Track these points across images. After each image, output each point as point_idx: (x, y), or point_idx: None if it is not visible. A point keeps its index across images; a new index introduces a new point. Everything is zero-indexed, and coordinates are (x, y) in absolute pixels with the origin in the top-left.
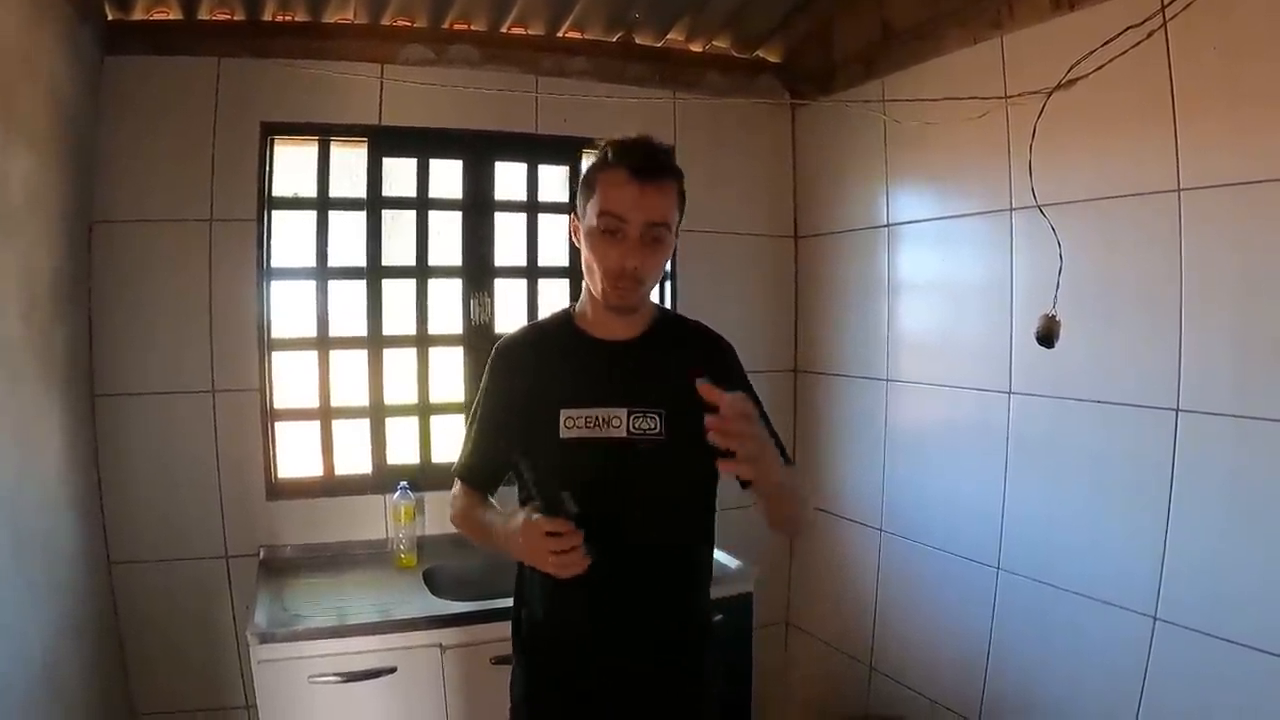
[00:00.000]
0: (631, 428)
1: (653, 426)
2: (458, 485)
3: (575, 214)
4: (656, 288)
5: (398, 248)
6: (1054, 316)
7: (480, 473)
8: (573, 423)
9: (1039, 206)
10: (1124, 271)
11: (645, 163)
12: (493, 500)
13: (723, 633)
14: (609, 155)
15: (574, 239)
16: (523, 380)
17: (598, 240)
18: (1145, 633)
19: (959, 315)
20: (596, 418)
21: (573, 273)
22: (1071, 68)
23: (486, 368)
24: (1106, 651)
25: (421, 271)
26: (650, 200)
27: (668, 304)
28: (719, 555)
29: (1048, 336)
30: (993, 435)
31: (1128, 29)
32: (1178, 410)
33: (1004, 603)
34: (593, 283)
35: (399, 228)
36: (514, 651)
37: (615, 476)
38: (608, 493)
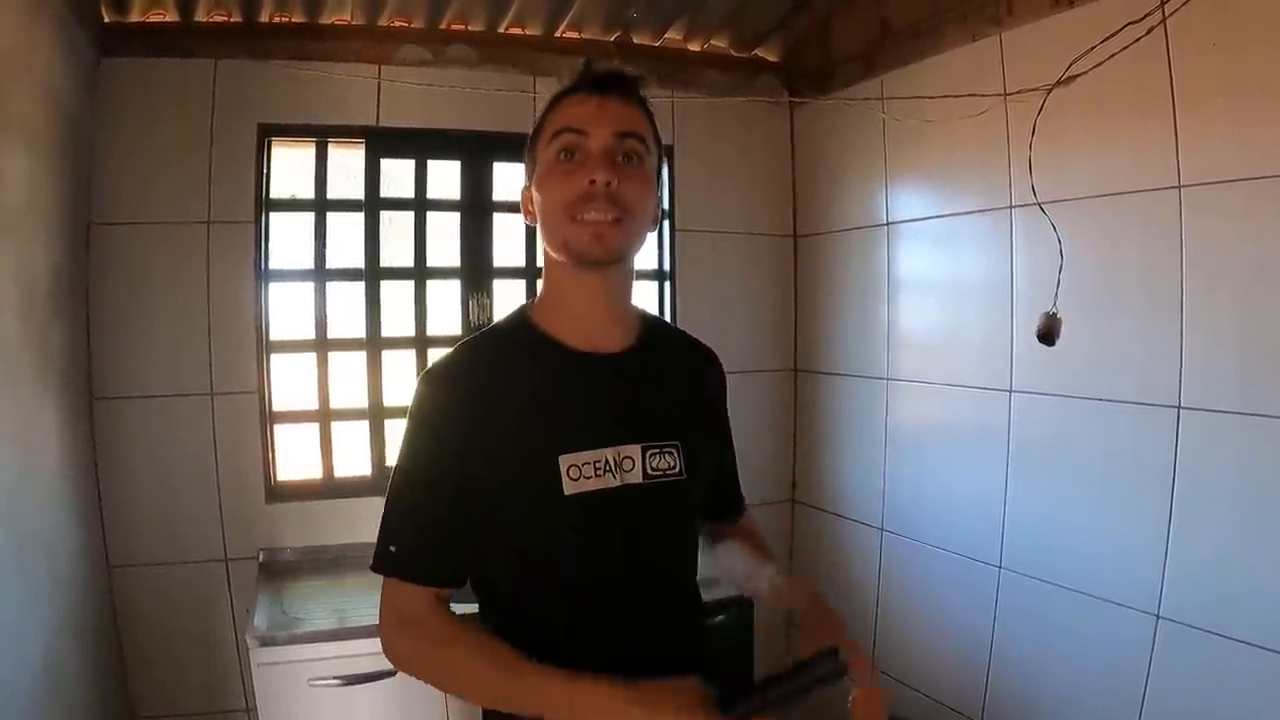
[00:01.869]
0: (649, 469)
1: (671, 465)
2: (393, 590)
3: (526, 187)
4: (655, 301)
5: (396, 249)
6: (1055, 314)
7: (439, 562)
8: (578, 471)
9: (1039, 204)
10: (1125, 268)
11: (601, 76)
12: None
13: (725, 633)
14: (557, 91)
15: (527, 215)
16: (486, 419)
17: (551, 172)
18: (1148, 631)
19: (959, 314)
20: (606, 461)
21: None
22: (1071, 64)
23: (415, 408)
24: (1109, 650)
25: (420, 273)
26: (615, 109)
27: (666, 305)
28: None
29: (1049, 334)
30: (994, 434)
31: (1127, 25)
32: (1180, 408)
33: (1006, 602)
34: (552, 240)
35: (397, 229)
36: None
37: (635, 535)
38: (626, 557)
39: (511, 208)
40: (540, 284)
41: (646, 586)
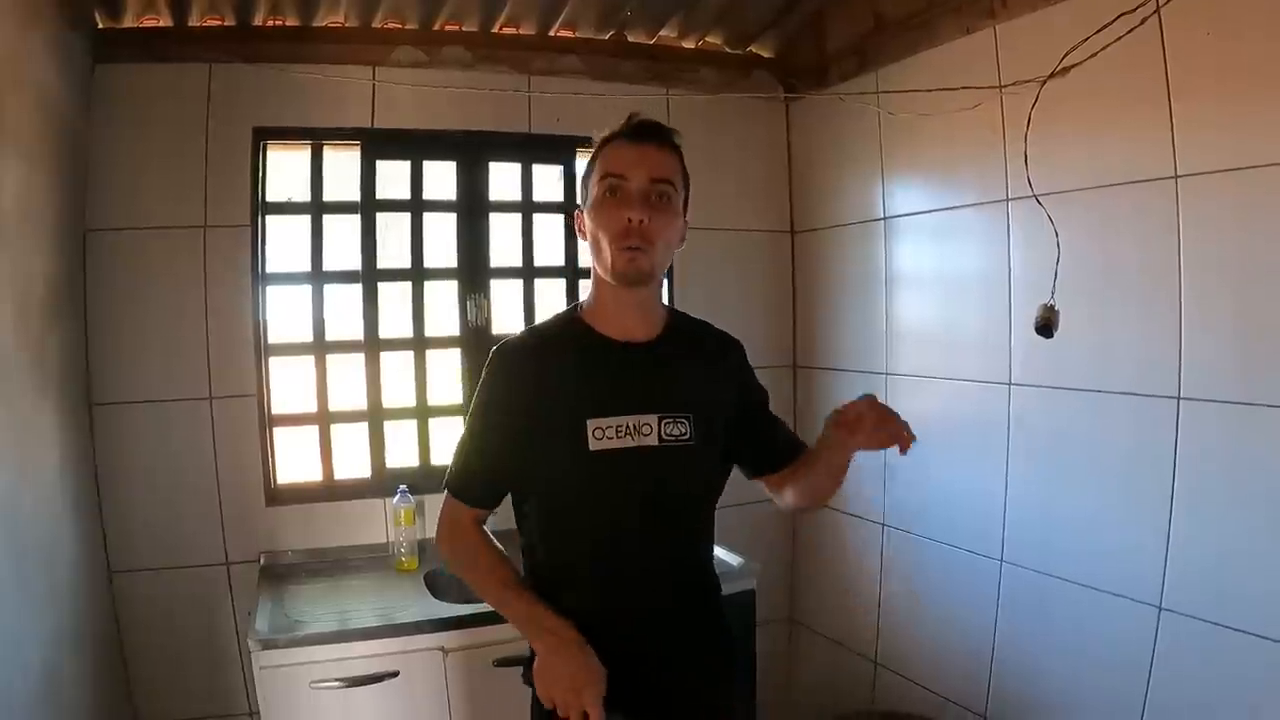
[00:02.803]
0: (663, 434)
1: (683, 432)
2: (449, 503)
3: (579, 210)
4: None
5: (393, 251)
6: (1053, 306)
7: (481, 489)
8: (602, 433)
9: (1035, 196)
10: (1123, 259)
11: (639, 126)
12: (494, 537)
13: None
14: (607, 133)
15: (580, 233)
16: (535, 387)
17: (601, 206)
18: (1150, 622)
19: (958, 307)
20: (627, 426)
21: (571, 272)
22: (1065, 55)
23: (486, 372)
24: (1112, 642)
25: (417, 274)
26: (650, 157)
27: (665, 301)
28: (719, 552)
29: (1047, 326)
30: (993, 427)
31: (1120, 15)
32: (1179, 398)
33: (1008, 595)
34: (600, 261)
35: (393, 231)
36: (528, 679)
37: (649, 487)
38: (642, 505)
39: (506, 207)
40: (543, 287)
41: (655, 531)
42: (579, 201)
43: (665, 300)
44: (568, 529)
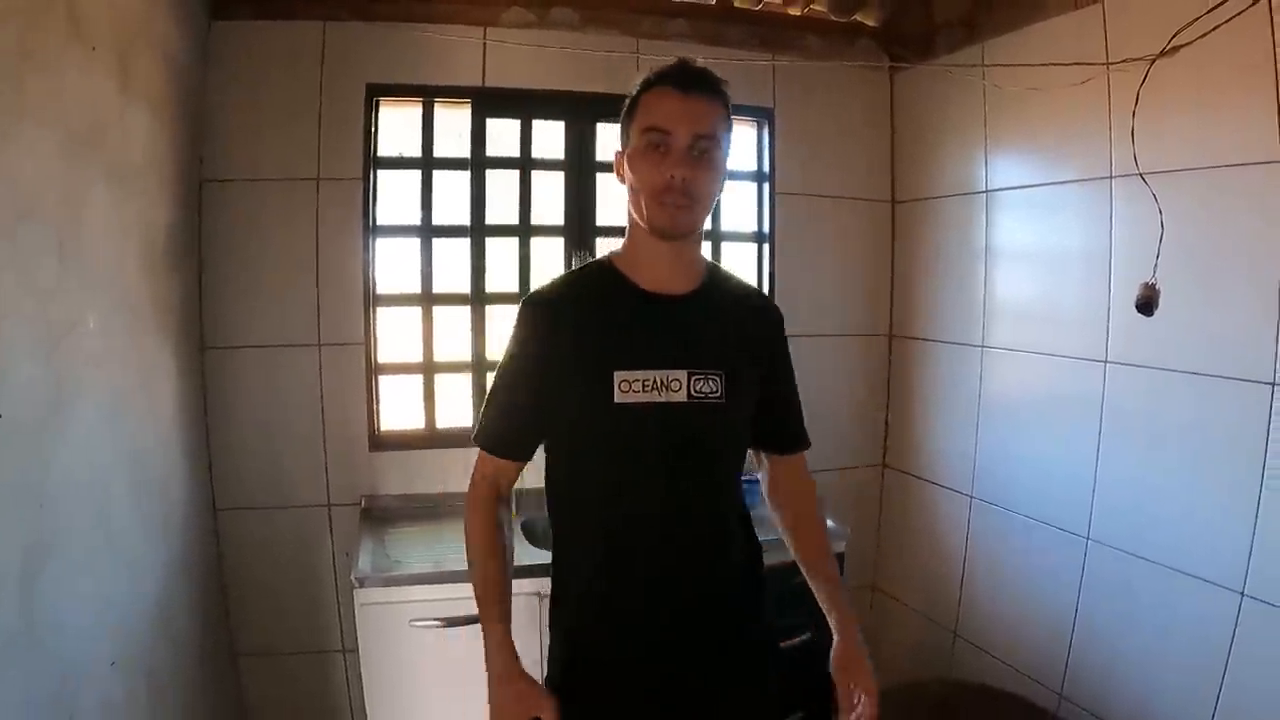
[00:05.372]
0: (693, 391)
1: (714, 389)
2: (479, 460)
3: (620, 151)
4: (754, 263)
5: (501, 207)
6: (1154, 284)
7: (510, 442)
8: (628, 385)
9: (1140, 174)
10: (1225, 242)
11: (687, 76)
12: (516, 516)
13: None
14: (650, 77)
15: (619, 175)
16: (565, 337)
17: (642, 159)
18: (1232, 608)
19: (1057, 283)
20: (655, 380)
21: None
22: (1175, 34)
23: (515, 324)
24: (1192, 625)
25: (524, 230)
26: (695, 110)
27: (765, 267)
28: None
29: (1147, 305)
30: (1087, 404)
31: None
32: (1274, 384)
33: (1091, 574)
34: (638, 210)
35: (502, 187)
36: (553, 628)
37: (674, 443)
38: (665, 460)
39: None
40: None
41: (680, 490)
42: (619, 143)
43: (765, 267)
44: (590, 482)
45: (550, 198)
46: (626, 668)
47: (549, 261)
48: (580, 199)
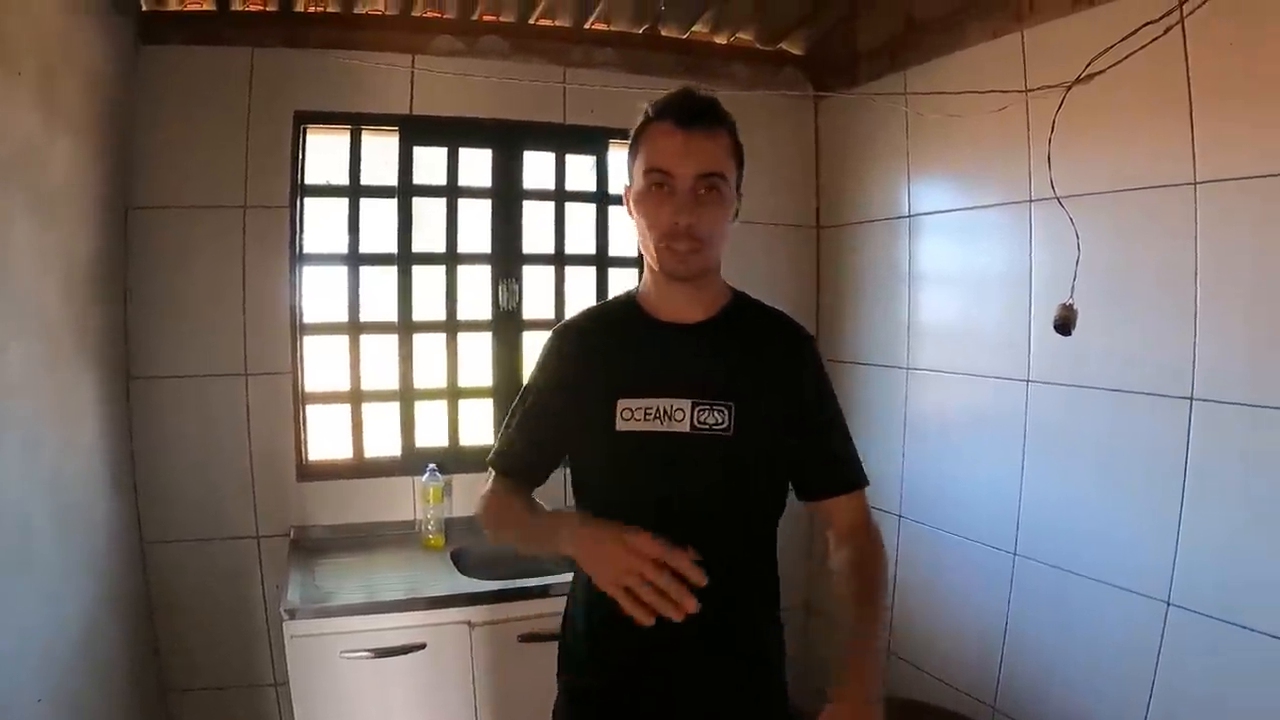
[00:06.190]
0: (696, 421)
1: (720, 421)
2: (491, 479)
3: (627, 187)
4: None
5: (427, 235)
6: (1071, 305)
7: (521, 464)
8: (630, 413)
9: (1058, 198)
10: (1141, 262)
11: (689, 110)
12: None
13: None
14: (650, 111)
15: (629, 211)
16: (578, 365)
17: (647, 200)
18: (1159, 618)
19: (979, 305)
20: (657, 409)
21: (600, 261)
22: (1090, 62)
23: (541, 353)
24: (1121, 636)
25: (451, 258)
26: (698, 148)
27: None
28: None
29: (1065, 325)
30: (1011, 423)
31: (1145, 25)
32: (1192, 399)
33: (1020, 588)
34: (648, 251)
35: (429, 215)
36: (561, 674)
37: (675, 475)
38: (661, 493)
39: (540, 195)
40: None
41: (679, 522)
42: (625, 176)
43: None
44: (594, 509)
45: (477, 226)
46: (620, 711)
47: (475, 289)
48: (507, 227)
